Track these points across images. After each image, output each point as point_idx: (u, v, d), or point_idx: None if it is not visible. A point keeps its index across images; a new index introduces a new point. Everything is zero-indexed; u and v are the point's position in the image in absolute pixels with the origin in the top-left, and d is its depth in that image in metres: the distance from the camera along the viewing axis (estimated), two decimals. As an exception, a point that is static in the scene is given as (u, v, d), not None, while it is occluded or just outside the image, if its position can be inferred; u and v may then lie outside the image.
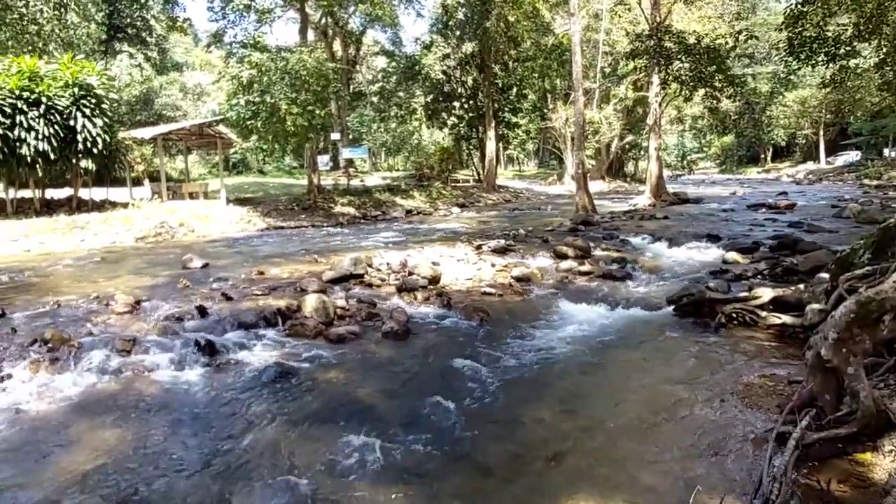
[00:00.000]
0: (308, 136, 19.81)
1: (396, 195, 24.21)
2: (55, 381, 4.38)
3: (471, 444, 3.72)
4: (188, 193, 20.41)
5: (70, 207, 16.25)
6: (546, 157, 58.48)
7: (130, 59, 38.32)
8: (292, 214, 19.11)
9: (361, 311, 6.44)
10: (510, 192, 31.88)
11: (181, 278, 8.08)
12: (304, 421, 3.98)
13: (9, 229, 13.55)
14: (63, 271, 9.50)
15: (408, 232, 15.44)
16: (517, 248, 10.33)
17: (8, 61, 14.83)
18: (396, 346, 5.61)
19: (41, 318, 5.87)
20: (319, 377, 4.75)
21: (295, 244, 12.99)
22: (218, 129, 21.06)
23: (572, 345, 5.61)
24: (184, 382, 4.57)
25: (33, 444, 3.60)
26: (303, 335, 5.69)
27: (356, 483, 3.22)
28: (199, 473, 3.31)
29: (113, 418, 3.95)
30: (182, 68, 46.25)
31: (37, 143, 14.07)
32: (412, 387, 4.59)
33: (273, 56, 18.90)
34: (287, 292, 7.07)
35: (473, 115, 32.38)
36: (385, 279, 7.90)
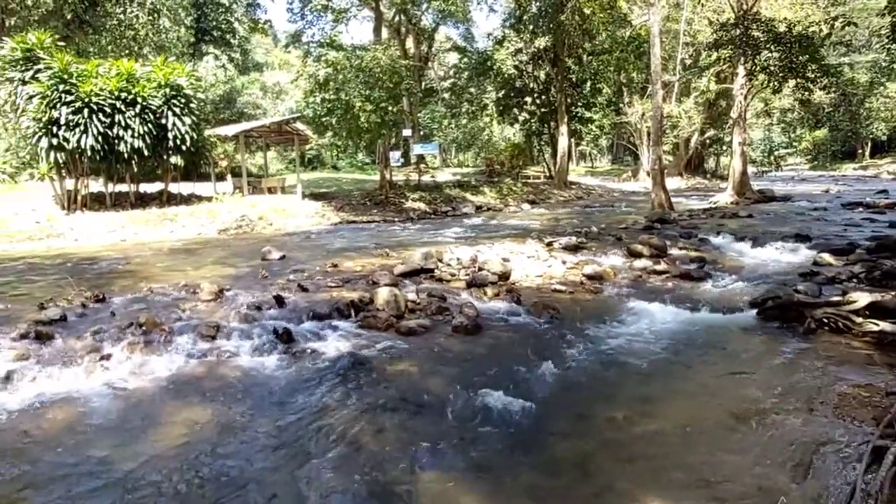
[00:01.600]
0: (381, 133, 20.18)
1: (466, 191, 24.25)
2: (149, 362, 4.68)
3: (540, 441, 3.67)
4: (267, 188, 21.28)
5: (161, 201, 17.33)
6: (620, 153, 56.89)
7: (215, 61, 40.32)
8: (364, 209, 19.54)
9: (431, 305, 6.49)
10: (582, 189, 31.23)
11: (260, 269, 8.45)
12: (375, 409, 4.06)
13: (108, 220, 14.63)
14: (154, 260, 10.15)
15: (478, 228, 15.45)
16: (589, 245, 10.10)
17: (108, 65, 15.96)
18: (466, 340, 5.61)
19: (136, 304, 6.30)
20: (390, 368, 4.83)
21: (367, 238, 13.28)
22: (295, 126, 21.81)
23: (646, 346, 5.42)
24: (263, 368, 4.77)
25: (130, 419, 3.86)
26: (374, 327, 5.80)
27: (425, 473, 3.25)
28: (276, 454, 3.45)
29: (199, 398, 4.18)
30: (262, 68, 48.22)
31: (133, 141, 15.08)
32: (482, 381, 4.58)
33: (348, 54, 19.38)
34: (360, 285, 7.24)
35: (545, 111, 31.89)
36: (455, 274, 7.94)
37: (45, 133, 14.21)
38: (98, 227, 14.15)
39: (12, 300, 6.56)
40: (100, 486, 3.10)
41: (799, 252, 9.44)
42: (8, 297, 6.80)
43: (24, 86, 14.55)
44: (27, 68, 14.69)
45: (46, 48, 15.00)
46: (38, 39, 15.03)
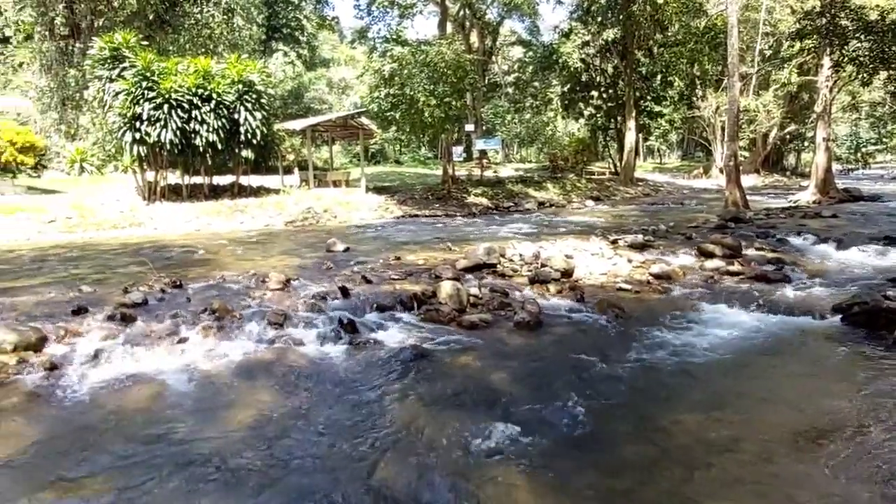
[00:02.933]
0: (444, 128, 20.25)
1: (529, 187, 23.99)
2: (221, 346, 4.88)
3: (603, 441, 3.58)
4: (332, 181, 21.78)
5: (232, 193, 18.05)
6: (691, 149, 54.77)
7: (284, 57, 41.58)
8: (427, 203, 19.67)
9: (493, 300, 6.46)
10: (649, 186, 30.30)
11: (326, 260, 8.66)
12: (436, 401, 4.07)
13: (184, 211, 15.37)
14: (226, 249, 10.58)
15: (540, 224, 15.25)
16: (656, 244, 9.77)
17: (186, 62, 16.74)
18: (528, 336, 5.55)
19: (210, 290, 6.59)
20: (452, 361, 4.83)
21: (429, 232, 13.36)
22: (360, 121, 22.19)
23: (717, 349, 5.18)
24: (328, 356, 4.88)
25: (205, 399, 4.04)
26: (437, 320, 5.82)
27: (485, 467, 3.23)
28: (340, 440, 3.52)
29: (268, 383, 4.32)
30: (329, 64, 49.38)
31: (208, 135, 15.77)
32: (543, 378, 4.52)
33: (413, 49, 19.51)
34: (422, 278, 7.29)
35: (612, 105, 31.10)
36: (517, 270, 7.87)
37: (129, 128, 15.07)
38: (175, 216, 14.89)
39: (101, 284, 6.99)
40: (178, 461, 3.25)
41: (889, 255, 8.79)
42: (97, 280, 7.26)
43: (110, 83, 15.46)
44: (114, 67, 15.60)
45: (131, 47, 15.87)
46: (123, 39, 15.92)
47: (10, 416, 3.72)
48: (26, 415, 3.76)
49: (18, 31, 29.59)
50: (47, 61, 27.25)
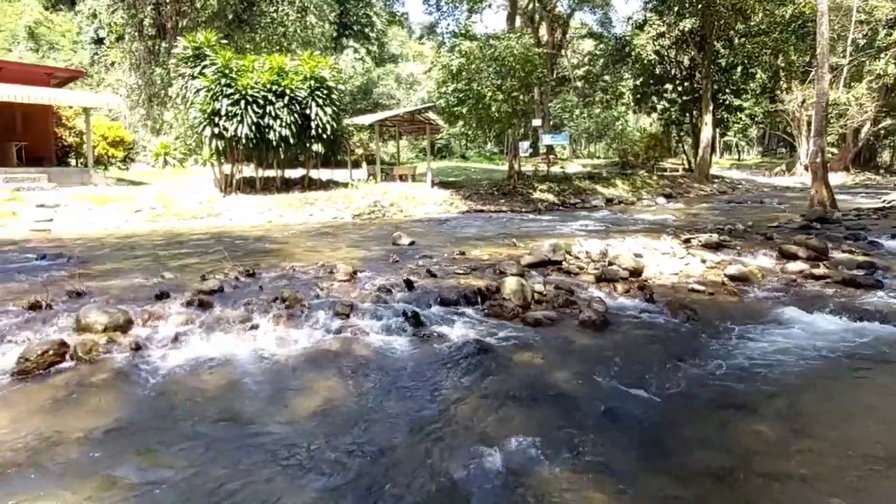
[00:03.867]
0: (511, 123, 20.10)
1: (597, 183, 23.46)
2: (290, 334, 5.03)
3: (672, 447, 3.44)
4: (398, 176, 22.06)
5: (302, 186, 18.62)
6: (772, 145, 51.93)
7: (354, 53, 42.48)
8: (492, 199, 19.60)
9: (558, 297, 6.34)
10: (726, 183, 28.98)
11: (391, 253, 8.78)
12: (498, 397, 4.04)
13: (258, 203, 16.00)
14: (296, 241, 10.92)
15: (608, 221, 14.89)
16: (733, 244, 9.32)
17: (262, 60, 17.39)
18: (593, 335, 5.42)
19: (280, 280, 6.82)
20: (516, 357, 4.78)
21: (494, 228, 13.31)
22: (427, 116, 22.36)
23: (798, 357, 4.87)
24: (392, 348, 4.94)
25: (275, 385, 4.18)
26: (500, 316, 5.78)
27: (545, 465, 3.18)
28: (403, 430, 3.56)
29: (335, 371, 4.42)
30: (397, 60, 50.01)
31: (280, 130, 16.33)
32: (608, 378, 4.39)
33: (481, 44, 19.44)
34: (486, 273, 7.27)
35: (687, 99, 29.90)
36: (583, 267, 7.70)
37: (209, 123, 15.82)
38: (249, 208, 15.52)
39: (181, 271, 7.38)
40: (249, 442, 3.38)
41: None
42: (177, 267, 7.66)
43: (192, 80, 16.28)
44: (196, 65, 16.41)
45: (212, 46, 16.64)
46: (205, 38, 16.71)
47: (100, 391, 3.98)
48: (114, 390, 4.01)
49: (111, 32, 31.68)
50: (136, 60, 29.06)
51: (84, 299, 5.67)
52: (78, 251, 9.44)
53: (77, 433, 3.42)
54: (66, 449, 3.25)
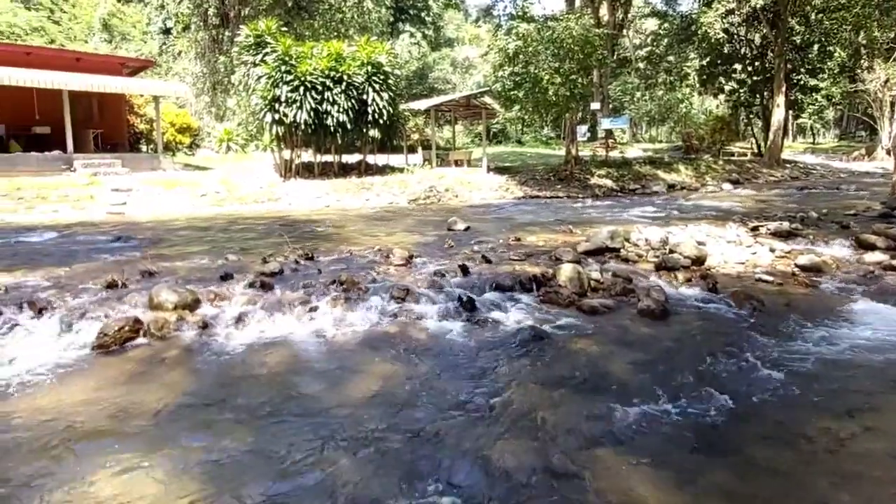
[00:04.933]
0: (568, 106, 19.68)
1: (658, 168, 22.72)
2: (347, 317, 5.14)
3: (734, 442, 3.32)
4: (454, 161, 22.05)
5: (359, 171, 18.89)
6: (851, 128, 48.84)
7: (410, 38, 42.50)
8: (548, 184, 19.33)
9: (616, 285, 6.21)
10: (798, 168, 27.50)
11: (446, 239, 8.82)
12: (554, 384, 4.01)
13: (316, 188, 16.35)
14: (353, 225, 11.11)
15: (669, 207, 14.43)
16: (805, 232, 8.86)
17: (321, 46, 17.65)
18: (652, 324, 5.28)
19: (338, 263, 6.96)
20: (571, 345, 4.73)
21: (550, 214, 13.14)
22: (483, 100, 22.19)
23: (875, 353, 4.59)
24: (447, 332, 4.97)
25: (333, 366, 4.29)
26: (556, 303, 5.72)
27: (603, 455, 3.13)
28: (457, 414, 3.58)
29: (390, 354, 4.49)
30: (453, 44, 49.73)
31: (338, 115, 16.58)
32: (668, 369, 4.28)
33: (539, 26, 19.06)
34: (542, 260, 7.20)
35: (758, 79, 28.40)
36: (643, 255, 7.52)
37: (269, 109, 16.23)
38: (307, 193, 15.89)
39: (243, 253, 7.65)
40: (308, 420, 3.49)
41: None
42: (240, 250, 7.95)
43: (254, 68, 16.71)
44: (257, 52, 16.83)
45: (272, 34, 17.01)
46: (266, 26, 17.09)
47: (171, 367, 4.20)
48: (184, 366, 4.22)
49: (178, 22, 32.93)
50: (201, 49, 30.10)
51: (155, 279, 5.96)
52: (149, 233, 9.94)
53: (151, 405, 3.62)
54: (141, 420, 3.45)
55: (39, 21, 35.59)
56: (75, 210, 12.86)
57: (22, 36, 31.92)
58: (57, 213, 12.53)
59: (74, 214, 12.53)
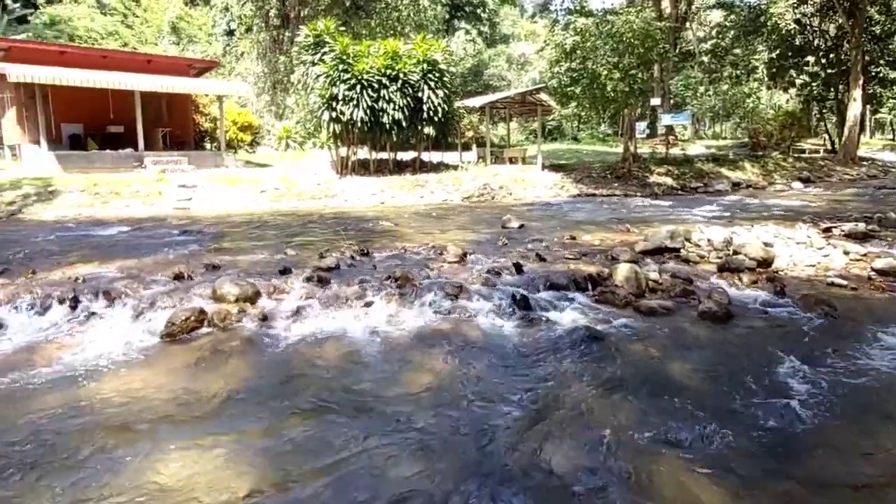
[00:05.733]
0: (627, 102, 19.21)
1: (722, 166, 21.87)
2: (402, 313, 5.19)
3: (803, 451, 3.17)
4: (508, 158, 21.89)
5: (413, 168, 19.01)
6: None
7: (466, 35, 42.44)
8: (605, 182, 18.94)
9: (675, 286, 6.02)
10: (876, 166, 25.92)
11: (500, 236, 8.77)
12: (608, 386, 3.94)
13: (371, 185, 16.57)
14: (407, 222, 11.20)
15: (734, 207, 13.89)
16: (883, 234, 8.35)
17: (377, 45, 17.86)
18: (714, 328, 5.09)
19: (392, 260, 7.04)
20: (627, 347, 4.62)
21: (606, 212, 12.87)
22: (538, 97, 21.92)
23: (964, 365, 4.28)
24: (500, 330, 4.95)
25: (387, 360, 4.34)
26: (611, 303, 5.60)
27: (661, 460, 3.05)
28: (510, 412, 3.56)
29: (443, 350, 4.51)
30: (509, 40, 49.33)
31: (394, 113, 16.73)
32: (730, 374, 4.12)
33: (598, 20, 18.66)
34: (598, 259, 7.06)
35: (832, 72, 26.88)
36: (704, 256, 7.25)
37: (327, 107, 16.54)
38: (363, 190, 16.13)
39: (301, 248, 7.84)
40: (362, 413, 3.55)
41: None
42: (298, 245, 8.15)
43: (313, 67, 17.07)
44: (316, 52, 17.17)
45: (331, 33, 17.32)
46: (325, 26, 17.43)
47: (233, 356, 4.36)
48: (244, 356, 4.37)
49: (241, 24, 34.07)
50: (262, 50, 31.04)
51: (218, 272, 6.19)
52: (212, 228, 10.33)
53: (213, 392, 3.77)
54: (204, 406, 3.60)
55: (114, 25, 37.58)
56: (145, 205, 13.52)
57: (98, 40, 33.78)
58: (129, 208, 13.20)
59: (144, 209, 13.17)
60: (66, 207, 12.66)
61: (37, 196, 12.89)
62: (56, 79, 16.22)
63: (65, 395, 3.67)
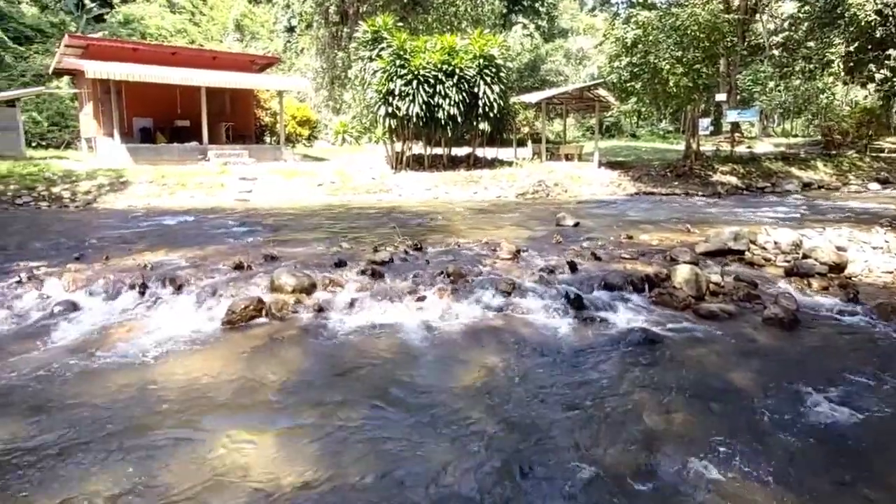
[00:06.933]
0: (690, 98, 18.57)
1: (792, 165, 20.85)
2: (454, 308, 5.19)
3: (873, 465, 3.01)
4: (564, 155, 21.55)
5: (468, 164, 18.98)
6: None
7: (523, 30, 41.95)
8: (664, 180, 18.39)
9: (738, 290, 5.79)
10: (965, 167, 24.09)
11: (554, 234, 8.64)
12: (665, 390, 3.82)
13: (425, 180, 16.66)
14: (460, 218, 11.20)
15: (803, 208, 13.23)
16: (972, 239, 7.73)
17: (434, 40, 17.88)
18: (779, 335, 4.87)
19: (445, 255, 7.04)
20: (685, 351, 4.47)
21: (665, 211, 12.50)
22: (597, 93, 21.46)
23: None
24: (553, 329, 4.89)
25: (437, 355, 4.36)
26: (669, 305, 5.43)
27: (721, 468, 2.94)
28: (560, 412, 3.51)
29: (495, 347, 4.49)
30: (567, 34, 48.42)
31: (449, 108, 16.73)
32: (795, 384, 3.92)
33: (662, 13, 18.07)
34: (655, 259, 6.86)
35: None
36: (770, 259, 6.93)
37: (383, 102, 16.70)
38: (417, 185, 16.23)
39: (356, 241, 7.95)
40: (412, 406, 3.57)
41: None
42: (353, 238, 8.27)
43: (370, 62, 17.26)
44: (373, 47, 17.35)
45: (388, 29, 17.46)
46: (383, 22, 17.58)
47: (289, 345, 4.47)
48: (300, 346, 4.48)
49: (301, 20, 34.82)
50: (321, 46, 31.63)
51: (276, 263, 6.35)
52: (270, 219, 10.63)
53: (269, 380, 3.88)
54: (260, 393, 3.71)
55: (182, 23, 39.08)
56: (208, 196, 14.04)
57: (167, 37, 35.23)
58: (192, 199, 13.74)
59: (207, 200, 13.68)
60: (136, 197, 13.31)
61: (110, 186, 13.60)
62: (129, 75, 17.04)
63: (132, 376, 3.86)
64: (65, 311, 4.94)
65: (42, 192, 12.78)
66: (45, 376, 3.83)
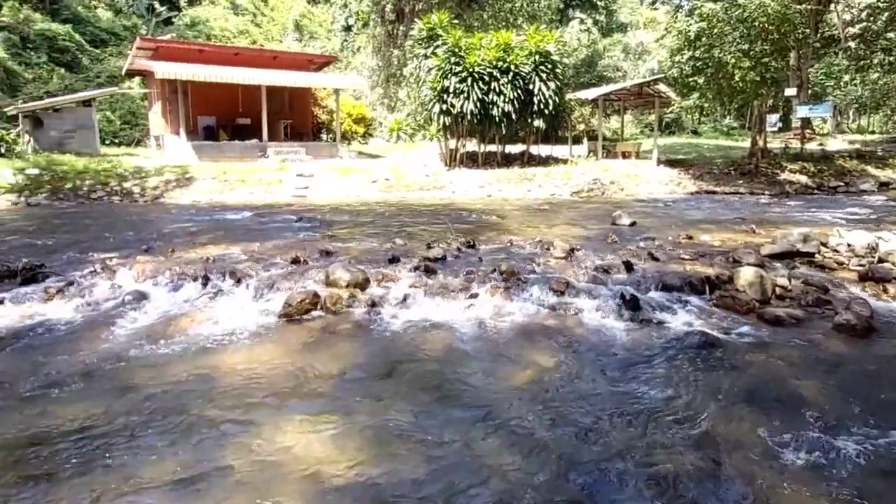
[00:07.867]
0: (757, 93, 17.80)
1: (868, 163, 19.70)
2: (506, 306, 5.16)
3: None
4: (621, 153, 21.08)
5: (522, 161, 18.83)
6: None
7: (580, 25, 41.21)
8: (728, 179, 17.72)
9: (807, 294, 5.50)
10: None
11: (610, 233, 8.46)
12: (726, 396, 3.67)
13: (479, 177, 16.63)
14: (514, 215, 11.12)
15: (882, 209, 12.49)
16: None
17: (490, 37, 17.79)
18: (851, 342, 4.60)
19: (498, 253, 7.01)
20: (748, 357, 4.28)
21: (728, 211, 12.05)
22: (657, 88, 20.86)
23: None
24: (607, 329, 4.78)
25: (489, 353, 4.34)
26: (731, 308, 5.22)
27: (783, 480, 2.81)
28: (614, 415, 3.43)
29: (547, 347, 4.43)
30: (626, 29, 47.26)
31: (504, 105, 16.62)
32: (870, 395, 3.71)
33: (727, 4, 17.36)
34: (717, 261, 6.61)
35: None
36: (843, 263, 6.55)
37: (438, 100, 16.76)
38: (471, 182, 16.21)
39: (409, 238, 8.03)
40: (463, 403, 3.57)
41: None
42: (406, 234, 8.35)
43: (425, 60, 17.35)
44: (429, 45, 17.44)
45: (444, 27, 17.49)
46: (438, 20, 17.64)
47: (343, 339, 4.56)
48: (354, 340, 4.56)
49: (358, 19, 35.38)
50: (377, 44, 32.02)
51: (331, 258, 6.48)
52: (326, 215, 10.85)
53: (324, 372, 3.96)
54: (314, 384, 3.79)
55: (244, 25, 40.44)
56: (266, 192, 14.47)
57: (231, 38, 36.52)
58: (252, 195, 14.20)
59: (266, 196, 14.10)
60: (200, 193, 13.87)
61: (176, 182, 14.22)
62: (195, 75, 17.77)
63: (192, 364, 4.02)
64: (134, 300, 5.19)
65: (114, 188, 13.51)
66: (118, 361, 4.04)
